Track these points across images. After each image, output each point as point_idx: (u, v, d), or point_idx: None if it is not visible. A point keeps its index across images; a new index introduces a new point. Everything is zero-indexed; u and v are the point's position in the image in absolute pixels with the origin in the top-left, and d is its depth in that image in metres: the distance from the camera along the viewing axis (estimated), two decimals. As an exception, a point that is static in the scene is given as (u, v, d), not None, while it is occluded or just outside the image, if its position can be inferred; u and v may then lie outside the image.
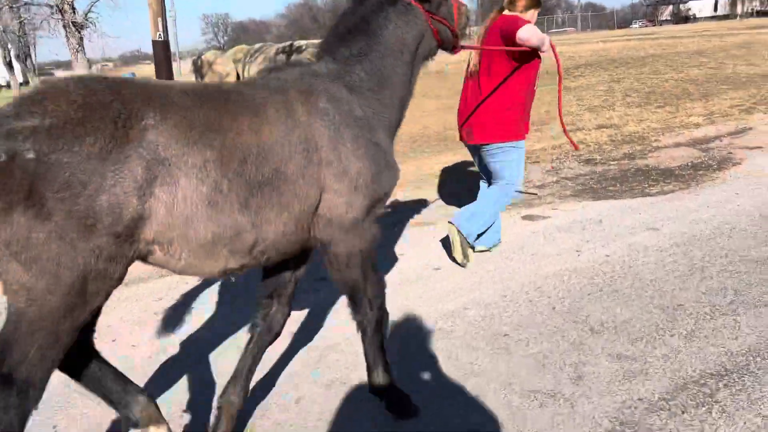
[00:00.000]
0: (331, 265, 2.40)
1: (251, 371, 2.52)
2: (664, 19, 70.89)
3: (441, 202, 5.98)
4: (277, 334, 2.58)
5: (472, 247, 4.39)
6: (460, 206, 4.81)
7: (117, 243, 1.79)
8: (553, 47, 3.88)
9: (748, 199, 5.28)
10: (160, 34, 12.89)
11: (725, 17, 62.34)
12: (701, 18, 65.38)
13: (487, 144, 4.27)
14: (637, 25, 66.37)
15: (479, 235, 4.43)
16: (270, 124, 2.09)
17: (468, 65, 4.38)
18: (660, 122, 9.29)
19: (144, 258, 1.98)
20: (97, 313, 2.07)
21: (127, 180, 1.76)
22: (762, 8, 63.23)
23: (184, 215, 1.89)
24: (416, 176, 7.02)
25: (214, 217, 1.94)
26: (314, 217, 2.24)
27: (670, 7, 72.58)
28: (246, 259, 2.11)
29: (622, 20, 71.21)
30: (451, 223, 4.31)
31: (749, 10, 64.10)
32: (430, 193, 6.37)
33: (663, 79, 14.00)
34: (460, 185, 6.41)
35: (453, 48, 2.74)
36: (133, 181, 1.77)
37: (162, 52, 13.07)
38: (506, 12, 4.17)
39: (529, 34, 3.81)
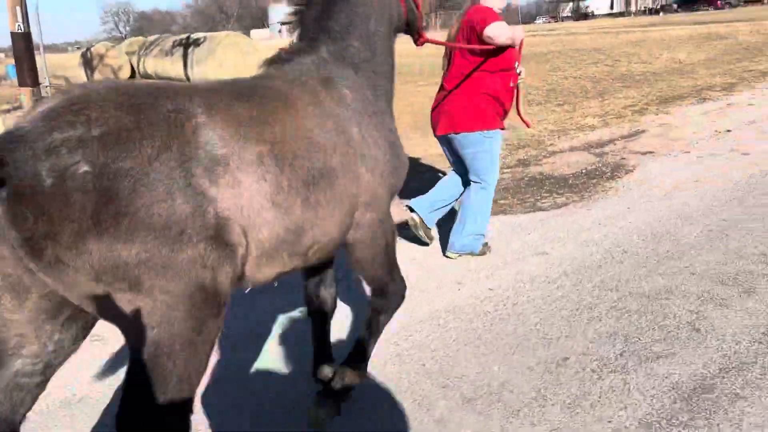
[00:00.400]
0: (357, 266, 2.32)
1: None
2: (565, 15, 73.73)
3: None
4: None
5: (482, 249, 4.31)
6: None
7: (217, 248, 1.60)
8: (521, 43, 3.81)
9: (640, 214, 4.97)
10: (19, 26, 11.44)
11: (621, 14, 65.62)
12: (599, 15, 68.46)
13: (456, 134, 3.99)
14: (540, 21, 68.59)
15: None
16: (304, 115, 1.98)
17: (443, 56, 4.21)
18: (557, 123, 9.07)
19: None
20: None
21: (195, 179, 1.59)
22: (653, 6, 67.05)
23: (254, 216, 1.72)
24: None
25: (280, 217, 1.79)
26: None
27: (571, 4, 75.57)
28: (300, 261, 1.96)
29: (527, 16, 73.36)
30: (448, 255, 4.32)
31: (642, 8, 67.79)
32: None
33: (563, 76, 14.03)
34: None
35: (418, 35, 2.68)
36: (201, 180, 1.60)
37: (23, 44, 11.64)
38: (481, 2, 3.90)
39: (496, 32, 3.58)
